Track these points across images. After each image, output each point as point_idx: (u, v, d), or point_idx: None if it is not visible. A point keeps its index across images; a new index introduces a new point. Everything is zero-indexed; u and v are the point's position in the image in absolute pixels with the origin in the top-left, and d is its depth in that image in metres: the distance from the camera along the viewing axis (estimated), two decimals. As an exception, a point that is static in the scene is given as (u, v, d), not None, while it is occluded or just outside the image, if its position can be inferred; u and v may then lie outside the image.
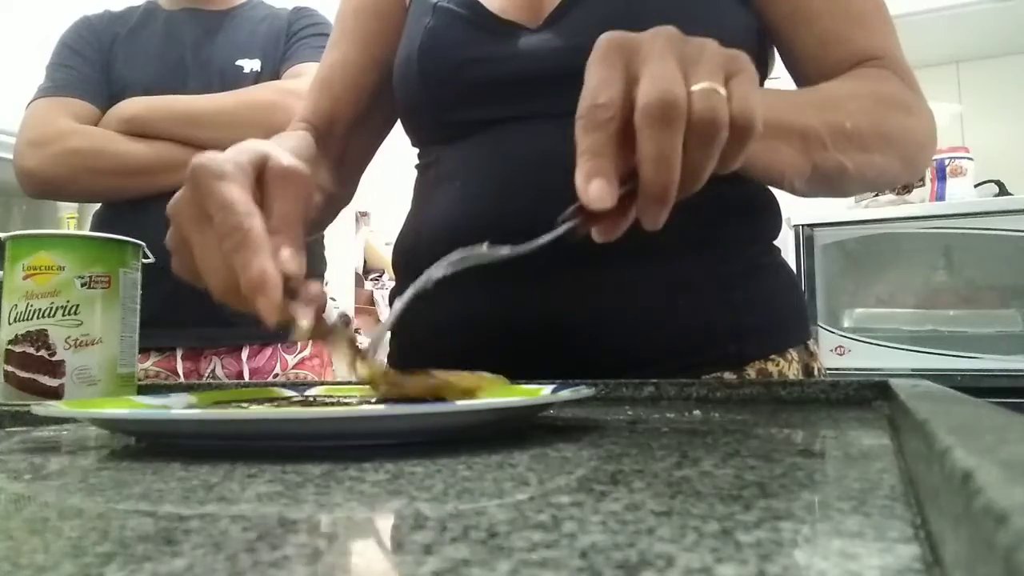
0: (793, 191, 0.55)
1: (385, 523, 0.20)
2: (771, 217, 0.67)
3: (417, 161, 0.72)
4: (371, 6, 0.74)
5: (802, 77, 0.64)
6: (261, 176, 0.42)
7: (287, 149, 0.56)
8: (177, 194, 0.41)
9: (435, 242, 0.63)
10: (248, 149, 0.42)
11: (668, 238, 0.58)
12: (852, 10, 0.61)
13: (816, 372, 0.65)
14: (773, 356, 0.61)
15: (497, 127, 0.62)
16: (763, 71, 0.66)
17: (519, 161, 0.60)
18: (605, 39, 0.38)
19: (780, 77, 0.70)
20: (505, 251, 0.42)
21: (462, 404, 0.34)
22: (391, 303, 0.75)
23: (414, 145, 0.72)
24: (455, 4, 0.65)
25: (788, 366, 0.62)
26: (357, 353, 0.39)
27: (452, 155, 0.65)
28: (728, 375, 0.59)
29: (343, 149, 0.74)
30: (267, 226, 0.39)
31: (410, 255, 0.68)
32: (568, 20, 0.61)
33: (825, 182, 0.54)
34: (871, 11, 0.62)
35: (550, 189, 0.58)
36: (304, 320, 0.38)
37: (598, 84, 0.36)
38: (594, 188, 0.35)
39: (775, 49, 0.66)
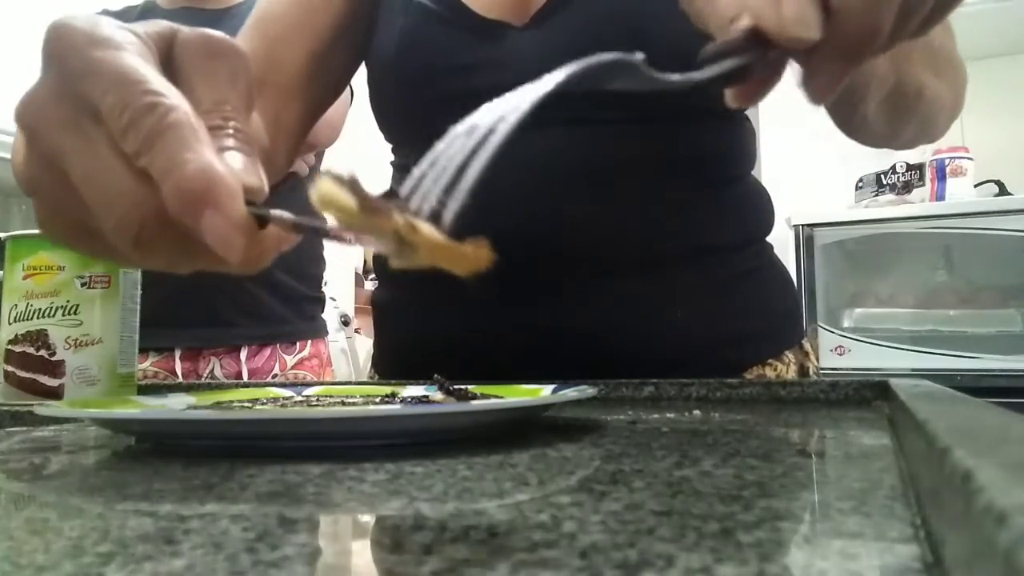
0: (864, 114, 0.49)
1: (385, 523, 0.20)
2: (765, 215, 0.66)
3: (393, 158, 0.67)
4: None
5: None
6: (170, 56, 0.27)
7: None
8: (29, 91, 0.25)
9: None
10: (152, 22, 0.27)
11: (664, 247, 0.58)
12: None
13: (811, 371, 0.65)
14: (771, 361, 0.61)
15: None
16: None
17: (511, 176, 0.56)
18: None
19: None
20: (675, 77, 0.29)
21: (463, 404, 0.34)
22: (374, 307, 0.69)
23: (388, 141, 0.66)
24: (431, 0, 0.59)
25: (786, 369, 0.62)
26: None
27: None
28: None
29: (278, 107, 0.60)
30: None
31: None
32: (558, 18, 0.57)
33: (897, 107, 0.48)
34: None
35: (541, 204, 0.56)
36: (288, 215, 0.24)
37: None
38: (792, 5, 0.25)
39: None
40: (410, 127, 0.63)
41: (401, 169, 0.66)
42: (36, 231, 0.57)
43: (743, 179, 0.64)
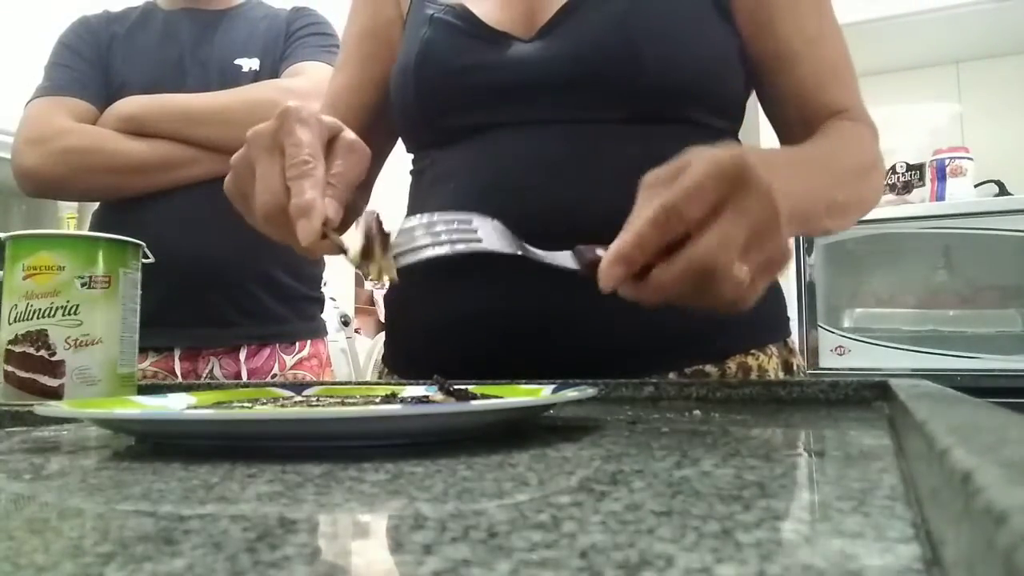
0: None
1: (385, 523, 0.20)
2: None
3: (412, 167, 0.74)
4: (370, 28, 0.77)
5: (778, 118, 0.69)
6: (332, 141, 0.48)
7: None
8: (260, 125, 0.47)
9: None
10: (331, 118, 0.49)
11: None
12: (828, 61, 0.66)
13: (795, 368, 0.67)
14: (754, 351, 0.63)
15: (490, 132, 0.64)
16: (747, 91, 0.70)
17: (511, 166, 0.62)
18: (731, 163, 0.38)
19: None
20: (512, 250, 0.48)
21: (463, 404, 0.34)
22: (386, 306, 0.76)
23: (409, 151, 0.74)
24: (451, 16, 0.67)
25: (768, 360, 0.64)
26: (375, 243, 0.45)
27: (446, 158, 0.67)
28: (710, 367, 0.61)
29: None
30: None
31: None
32: (560, 32, 0.63)
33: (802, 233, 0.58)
34: (844, 64, 0.67)
35: (541, 193, 0.61)
36: (345, 241, 0.45)
37: (694, 196, 0.38)
38: (610, 273, 0.39)
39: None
40: (427, 123, 0.70)
41: (418, 175, 0.73)
42: (36, 231, 0.57)
43: None
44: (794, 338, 0.71)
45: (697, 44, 0.62)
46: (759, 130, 1.68)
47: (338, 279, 2.51)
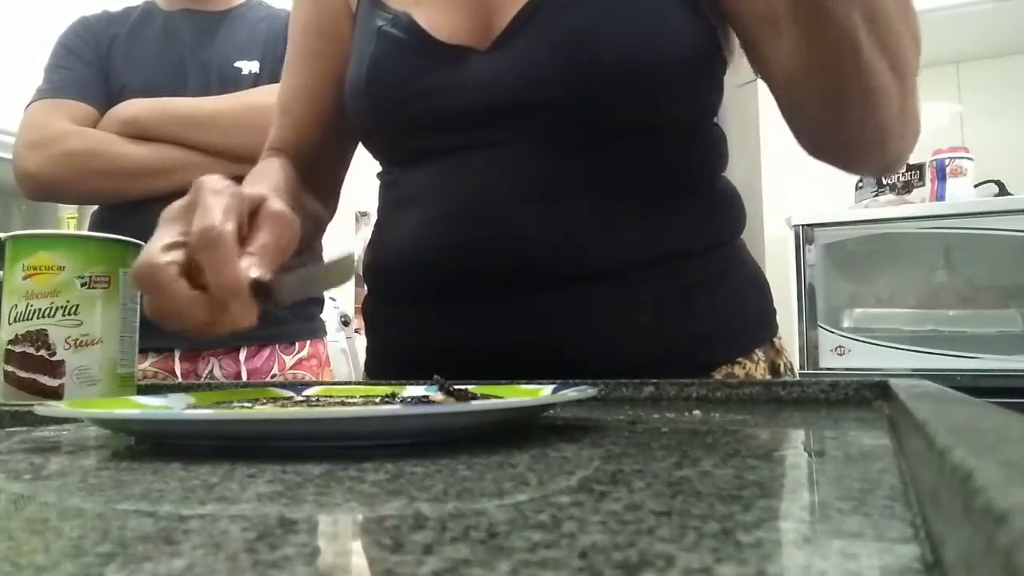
0: (774, 27, 0.53)
1: (385, 523, 0.20)
2: (733, 219, 0.66)
3: (380, 174, 0.71)
4: (315, 25, 0.72)
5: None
6: (257, 212, 0.46)
7: (279, 189, 0.59)
8: (184, 198, 0.45)
9: (402, 271, 0.64)
10: (255, 188, 0.47)
11: (629, 256, 0.59)
12: None
13: (782, 368, 0.65)
14: (740, 359, 0.61)
15: (453, 155, 0.61)
16: (719, 94, 0.64)
17: (474, 189, 0.59)
18: None
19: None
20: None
21: (463, 404, 0.34)
22: (364, 316, 0.73)
23: (375, 158, 0.71)
24: (398, 29, 0.62)
25: (755, 367, 0.62)
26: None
27: (411, 179, 0.64)
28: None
29: (317, 168, 0.73)
30: (244, 250, 0.43)
31: (378, 277, 0.69)
32: (518, 42, 0.59)
33: (820, 44, 0.49)
34: None
35: (506, 217, 0.59)
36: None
37: None
38: None
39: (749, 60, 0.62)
40: (388, 147, 0.67)
41: (385, 188, 0.69)
42: (36, 231, 0.57)
43: (711, 184, 0.65)
44: (793, 337, 0.69)
45: (665, 48, 0.57)
46: (759, 122, 1.68)
47: (338, 279, 2.51)
